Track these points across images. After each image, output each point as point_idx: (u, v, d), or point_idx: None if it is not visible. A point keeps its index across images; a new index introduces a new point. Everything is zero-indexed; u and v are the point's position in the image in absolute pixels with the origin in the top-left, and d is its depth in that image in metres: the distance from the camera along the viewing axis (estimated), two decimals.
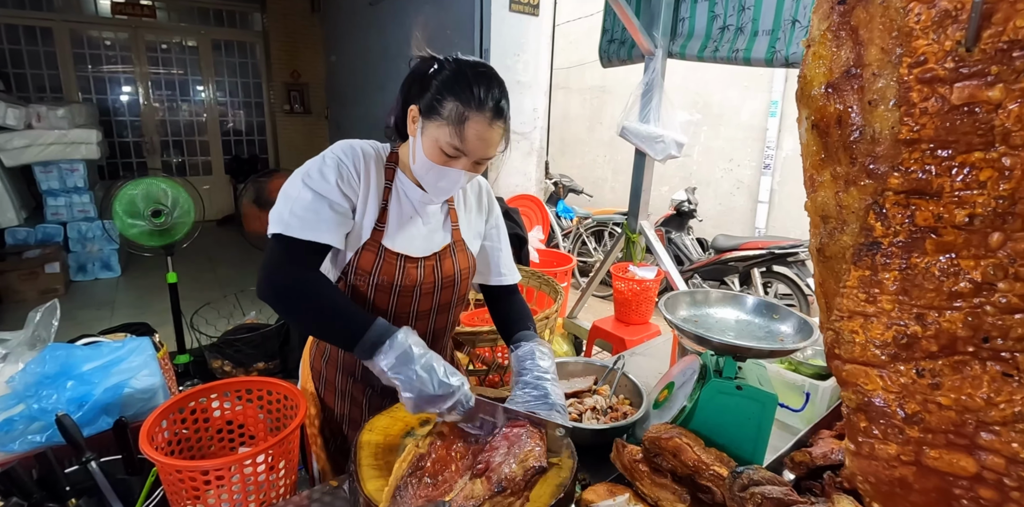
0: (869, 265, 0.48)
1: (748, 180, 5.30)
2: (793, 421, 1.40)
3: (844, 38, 0.48)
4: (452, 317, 1.29)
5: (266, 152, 7.87)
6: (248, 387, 1.28)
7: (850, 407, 0.53)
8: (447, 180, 1.09)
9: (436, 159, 1.06)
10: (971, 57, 0.40)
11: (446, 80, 1.04)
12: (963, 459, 0.47)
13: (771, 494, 0.80)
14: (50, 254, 4.59)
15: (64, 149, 4.79)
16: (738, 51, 2.44)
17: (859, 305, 0.50)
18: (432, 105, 1.04)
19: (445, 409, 0.92)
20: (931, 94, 0.42)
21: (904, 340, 0.48)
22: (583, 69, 6.69)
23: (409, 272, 1.15)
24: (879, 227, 0.47)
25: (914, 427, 0.49)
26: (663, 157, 2.74)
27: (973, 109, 0.41)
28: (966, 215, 0.44)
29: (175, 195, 2.86)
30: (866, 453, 0.52)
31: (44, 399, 1.32)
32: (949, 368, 0.47)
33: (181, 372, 3.13)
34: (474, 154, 1.06)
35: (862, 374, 0.51)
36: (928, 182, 0.44)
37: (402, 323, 1.11)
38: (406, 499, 0.79)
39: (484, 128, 1.03)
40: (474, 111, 1.01)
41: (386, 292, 1.15)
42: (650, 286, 2.84)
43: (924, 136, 0.43)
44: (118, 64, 6.62)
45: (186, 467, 1.00)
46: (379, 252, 1.13)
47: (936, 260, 0.46)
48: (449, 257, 1.21)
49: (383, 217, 1.14)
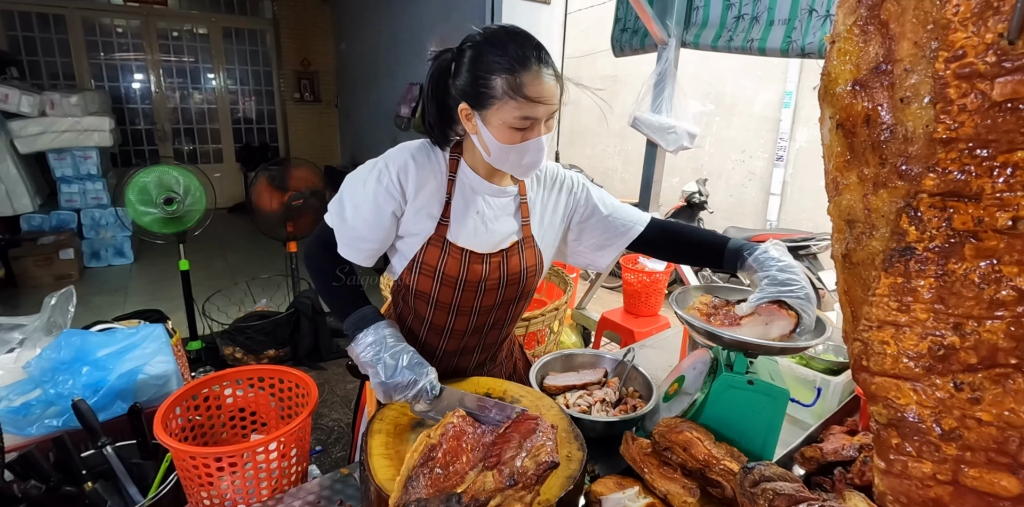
0: (902, 272, 0.45)
1: (760, 172, 5.23)
2: (804, 416, 1.40)
3: (872, 33, 0.46)
4: (514, 311, 1.28)
5: (276, 140, 7.88)
6: (260, 375, 1.29)
7: (880, 422, 0.50)
8: (530, 154, 1.06)
9: (512, 139, 1.03)
10: (1014, 50, 0.38)
11: (476, 61, 1.01)
12: (1005, 478, 0.45)
13: (783, 490, 0.80)
14: (64, 240, 4.65)
15: (77, 136, 4.82)
16: (753, 41, 2.40)
17: (890, 314, 0.47)
18: (481, 93, 1.01)
19: (411, 397, 1.02)
20: (970, 90, 0.40)
21: (940, 351, 0.45)
22: (595, 58, 6.61)
23: (473, 268, 1.14)
24: (913, 231, 0.44)
25: (951, 444, 0.46)
26: (675, 148, 2.71)
27: (1017, 106, 0.39)
28: (1009, 218, 0.41)
29: (187, 183, 2.88)
30: (898, 471, 0.49)
31: (60, 384, 1.34)
32: (990, 381, 0.44)
33: (193, 358, 3.17)
34: (544, 113, 1.03)
35: (893, 387, 0.48)
36: (967, 183, 0.42)
37: (464, 317, 1.19)
38: (417, 489, 0.79)
39: (540, 83, 0.99)
40: (522, 73, 0.98)
41: (450, 286, 1.15)
42: (660, 278, 2.83)
43: (962, 135, 0.41)
44: (130, 52, 6.63)
45: (199, 453, 1.01)
46: (444, 247, 1.12)
47: (976, 266, 0.43)
48: (516, 254, 1.18)
49: (447, 211, 1.13)
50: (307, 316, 3.37)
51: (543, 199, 1.24)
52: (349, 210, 1.12)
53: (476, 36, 1.04)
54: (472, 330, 1.24)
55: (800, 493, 0.80)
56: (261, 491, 1.07)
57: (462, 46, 1.05)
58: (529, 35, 1.02)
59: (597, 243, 1.31)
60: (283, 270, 3.78)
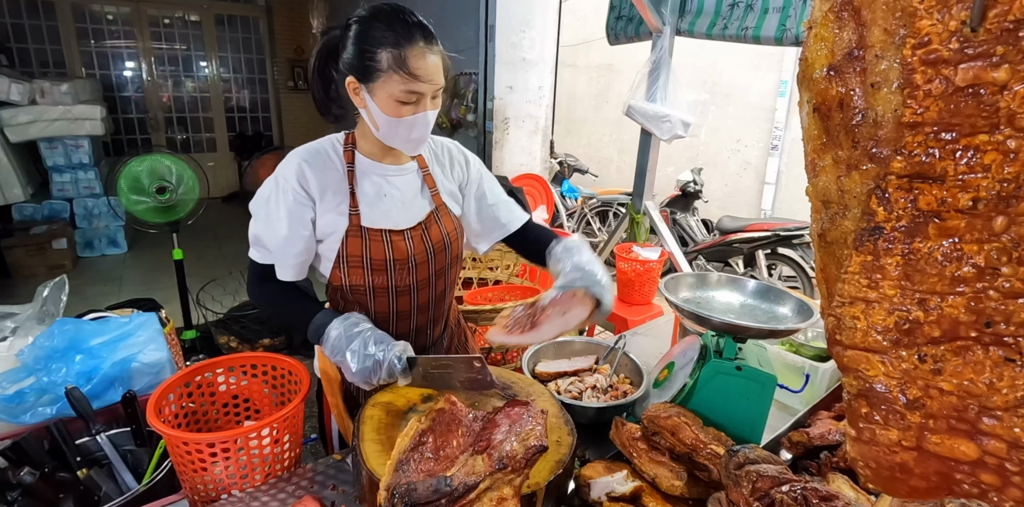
0: (871, 250, 0.48)
1: (755, 161, 5.24)
2: (792, 402, 1.42)
3: (846, 19, 0.47)
4: (450, 278, 1.31)
5: (271, 129, 7.83)
6: (253, 362, 1.30)
7: (851, 393, 0.53)
8: (417, 128, 1.09)
9: (399, 112, 1.05)
10: (976, 37, 0.39)
11: (362, 36, 1.03)
12: (964, 444, 0.47)
13: (766, 472, 0.81)
14: (57, 230, 4.63)
15: (68, 125, 4.78)
16: (747, 29, 2.39)
17: (861, 291, 0.49)
18: (366, 66, 1.03)
19: (384, 377, 1.05)
20: (935, 76, 0.41)
21: (906, 325, 0.48)
22: (590, 46, 6.57)
23: (398, 246, 1.16)
24: (881, 212, 0.46)
25: (915, 412, 0.49)
26: (669, 137, 2.71)
27: (978, 91, 0.40)
28: (970, 199, 0.43)
29: (180, 172, 2.86)
30: (867, 439, 0.52)
31: (54, 372, 1.35)
32: (951, 353, 0.47)
33: (188, 348, 3.17)
34: (429, 88, 1.05)
35: (863, 360, 0.51)
36: (931, 165, 0.43)
37: (405, 297, 1.21)
38: (408, 473, 0.80)
39: (425, 57, 1.02)
40: (407, 47, 1.01)
41: (381, 271, 1.16)
42: (653, 267, 2.84)
43: (927, 119, 0.42)
44: (121, 39, 6.55)
45: (193, 439, 1.02)
46: (363, 234, 1.14)
47: (939, 245, 0.45)
48: (435, 223, 1.22)
49: (354, 201, 1.15)
50: None
51: (443, 171, 1.28)
52: (266, 233, 1.15)
53: (362, 12, 1.06)
54: (418, 308, 1.26)
55: (783, 475, 0.81)
56: (255, 476, 1.08)
57: (348, 22, 1.07)
58: (413, 13, 1.05)
59: (477, 229, 1.34)
60: None
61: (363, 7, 1.06)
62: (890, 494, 0.54)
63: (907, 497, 0.52)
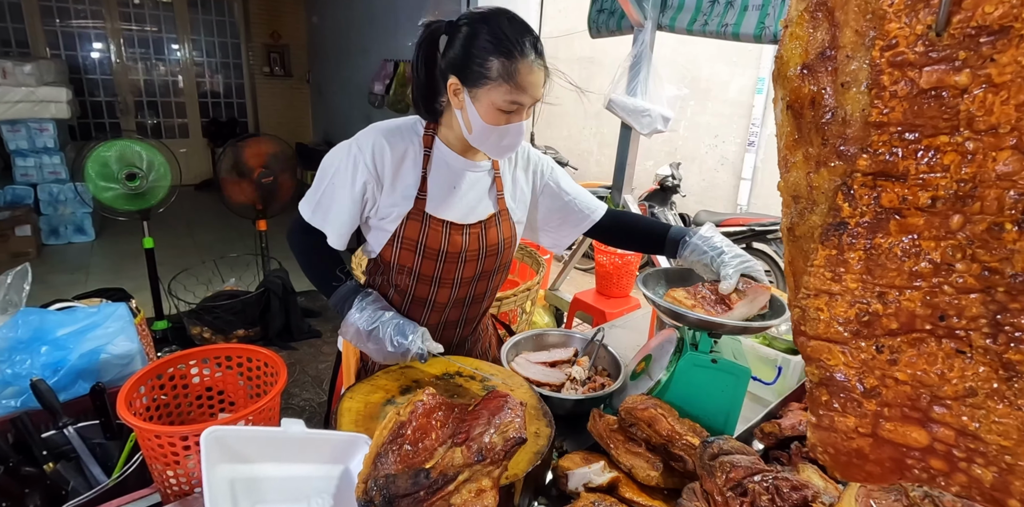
0: (836, 245, 0.50)
1: (732, 157, 5.31)
2: (765, 393, 1.45)
3: (820, 19, 0.48)
4: (493, 283, 1.32)
5: (245, 116, 7.65)
6: (228, 354, 1.28)
7: (813, 381, 0.55)
8: (511, 136, 1.10)
9: (498, 120, 1.06)
10: (940, 42, 0.41)
11: (475, 39, 1.02)
12: (916, 431, 0.50)
13: (739, 463, 0.83)
14: (20, 216, 4.47)
15: (32, 107, 4.61)
16: (727, 25, 2.41)
17: (825, 283, 0.51)
18: (475, 71, 1.02)
19: (409, 360, 1.13)
20: (901, 77, 0.43)
21: (866, 317, 0.50)
22: (572, 39, 6.55)
23: (454, 239, 1.17)
24: (846, 208, 0.48)
25: (872, 401, 0.51)
26: (649, 131, 2.72)
27: (940, 93, 0.42)
28: (929, 197, 0.45)
29: (150, 158, 2.79)
30: (826, 425, 0.54)
31: (18, 364, 1.31)
32: (907, 345, 0.49)
33: (159, 338, 3.11)
34: (531, 101, 1.07)
35: (825, 350, 0.53)
36: (895, 164, 0.45)
37: (446, 289, 1.24)
38: (386, 465, 0.80)
39: (532, 72, 1.03)
40: (519, 59, 1.01)
41: (432, 258, 1.17)
42: (631, 260, 2.87)
43: (893, 119, 0.44)
44: (88, 19, 6.31)
45: (165, 432, 1.01)
46: (424, 220, 1.15)
47: (899, 241, 0.47)
48: (494, 226, 1.22)
49: (423, 186, 1.15)
50: (277, 295, 3.33)
51: (514, 176, 1.28)
52: (324, 201, 1.16)
53: (474, 13, 1.05)
54: (453, 303, 1.27)
55: (755, 465, 0.84)
56: None
57: (458, 21, 1.06)
58: (525, 23, 1.05)
59: (558, 225, 1.36)
60: (253, 249, 3.71)
61: (474, 7, 1.07)
62: (846, 479, 0.57)
63: (862, 481, 0.55)
